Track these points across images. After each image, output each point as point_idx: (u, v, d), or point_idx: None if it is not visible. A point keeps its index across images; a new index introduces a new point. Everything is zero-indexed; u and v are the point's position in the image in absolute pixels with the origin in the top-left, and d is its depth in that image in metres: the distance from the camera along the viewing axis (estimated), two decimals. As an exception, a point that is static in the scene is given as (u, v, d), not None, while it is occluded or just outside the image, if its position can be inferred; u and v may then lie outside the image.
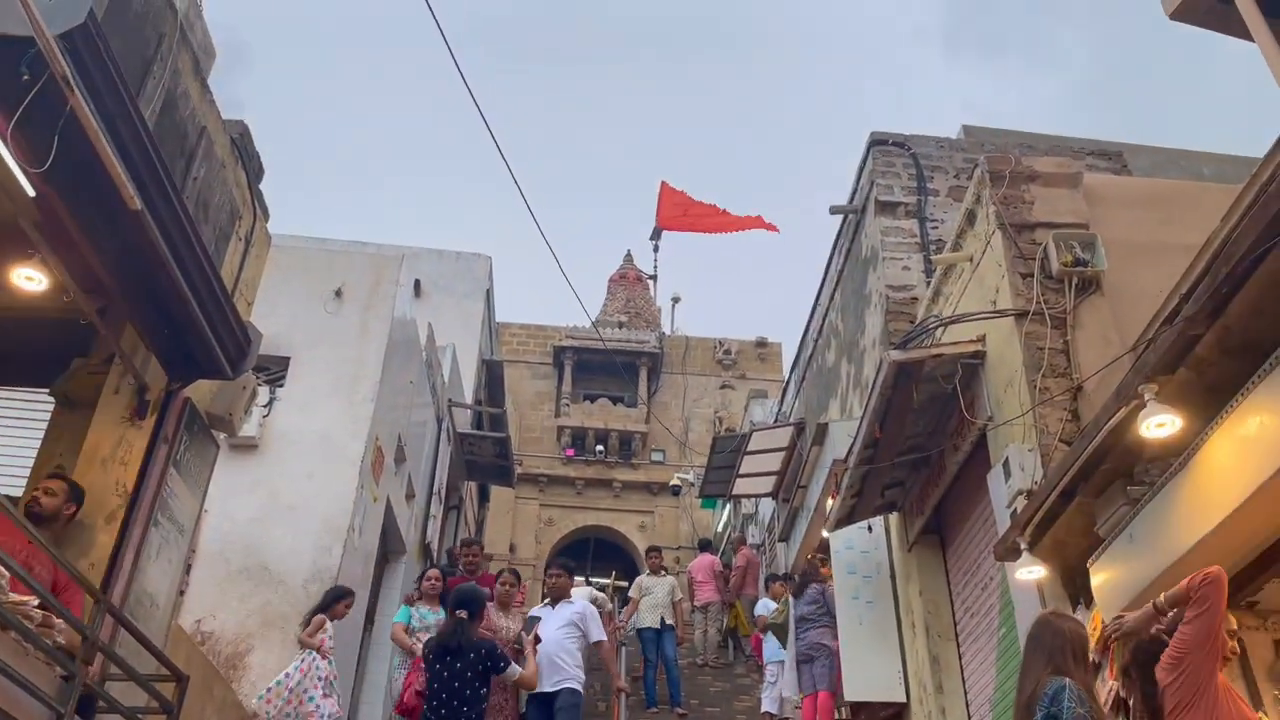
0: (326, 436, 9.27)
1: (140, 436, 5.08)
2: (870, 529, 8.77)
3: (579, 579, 10.02)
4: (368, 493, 9.53)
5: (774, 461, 12.83)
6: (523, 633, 7.18)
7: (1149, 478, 4.52)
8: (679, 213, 25.17)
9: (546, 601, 7.66)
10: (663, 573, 12.47)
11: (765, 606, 10.81)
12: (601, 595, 7.86)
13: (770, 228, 23.56)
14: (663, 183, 25.21)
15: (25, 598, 3.82)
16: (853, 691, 8.17)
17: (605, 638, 7.70)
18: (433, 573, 8.43)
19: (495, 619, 7.17)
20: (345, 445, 9.30)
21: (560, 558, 8.13)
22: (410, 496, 11.97)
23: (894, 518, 8.46)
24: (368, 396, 9.65)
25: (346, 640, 8.45)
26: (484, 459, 15.81)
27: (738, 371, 26.75)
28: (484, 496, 20.06)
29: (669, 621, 11.75)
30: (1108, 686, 4.52)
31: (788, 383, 15.07)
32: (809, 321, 12.94)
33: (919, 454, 7.38)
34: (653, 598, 11.82)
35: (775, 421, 14.29)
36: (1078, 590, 5.13)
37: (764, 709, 10.33)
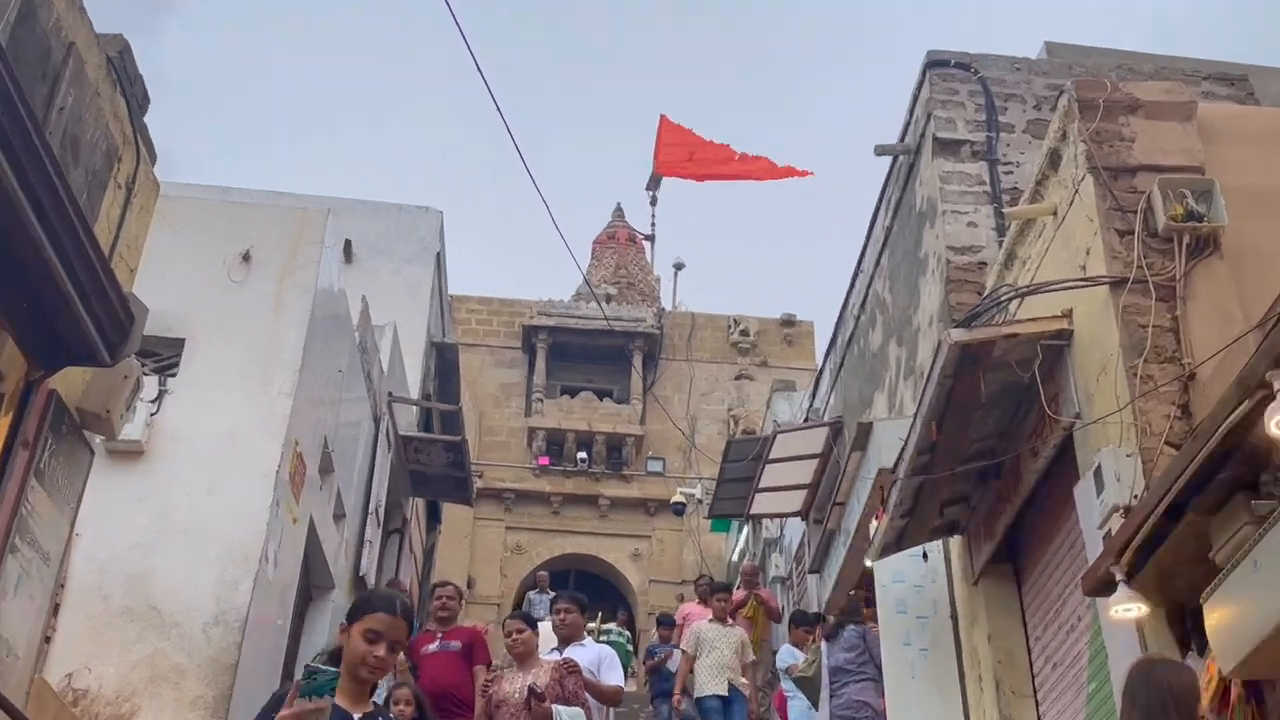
0: (232, 440, 9.26)
1: (-8, 439, 5.08)
2: (926, 557, 8.81)
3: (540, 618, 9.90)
4: (285, 512, 9.53)
5: (804, 472, 12.87)
6: (533, 685, 6.76)
7: (1279, 490, 4.54)
8: (683, 156, 25.05)
9: (554, 648, 7.75)
10: (729, 621, 11.64)
11: (790, 654, 10.83)
12: (609, 650, 7.88)
13: (799, 173, 23.51)
14: (662, 117, 25.01)
15: None
16: (903, 763, 8.23)
17: (622, 684, 7.65)
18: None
19: (505, 686, 6.95)
20: (256, 451, 9.29)
21: (567, 590, 8.17)
22: (340, 517, 11.98)
23: (955, 542, 8.50)
24: (285, 390, 9.63)
25: (259, 689, 8.46)
26: (434, 469, 15.83)
27: (758, 357, 26.82)
28: (434, 517, 20.11)
29: (738, 687, 10.98)
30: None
31: (821, 371, 15.11)
32: (848, 294, 12.97)
33: (987, 461, 7.41)
34: (717, 656, 10.97)
35: (805, 421, 14.32)
36: (1187, 632, 5.16)
37: (792, 784, 10.37)
